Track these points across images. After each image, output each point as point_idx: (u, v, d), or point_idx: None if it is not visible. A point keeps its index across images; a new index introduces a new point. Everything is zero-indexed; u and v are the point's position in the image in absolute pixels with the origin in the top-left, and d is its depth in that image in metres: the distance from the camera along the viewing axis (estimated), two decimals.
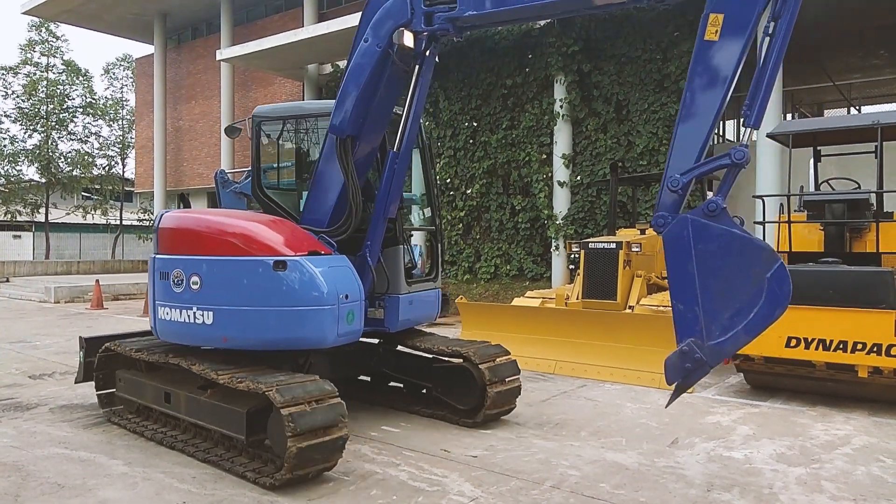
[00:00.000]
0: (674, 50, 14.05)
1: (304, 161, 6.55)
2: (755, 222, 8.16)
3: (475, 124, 17.08)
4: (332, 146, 5.61)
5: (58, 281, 20.60)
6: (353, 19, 16.60)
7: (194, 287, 5.18)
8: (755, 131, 4.01)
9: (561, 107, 15.44)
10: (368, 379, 6.94)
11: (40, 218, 33.73)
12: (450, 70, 17.38)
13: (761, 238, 5.27)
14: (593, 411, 6.42)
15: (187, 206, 6.06)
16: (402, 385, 6.69)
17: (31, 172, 33.93)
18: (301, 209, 6.03)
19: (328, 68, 20.46)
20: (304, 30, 18.52)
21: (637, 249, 9.04)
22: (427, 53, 5.45)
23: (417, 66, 5.50)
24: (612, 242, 9.11)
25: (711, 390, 7.30)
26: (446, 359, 6.18)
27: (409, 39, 5.20)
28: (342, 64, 19.25)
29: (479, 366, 5.77)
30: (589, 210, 15.30)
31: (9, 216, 33.08)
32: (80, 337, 6.47)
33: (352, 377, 6.83)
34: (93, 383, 6.26)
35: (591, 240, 9.56)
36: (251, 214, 5.82)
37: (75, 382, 6.53)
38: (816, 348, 6.42)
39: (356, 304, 5.21)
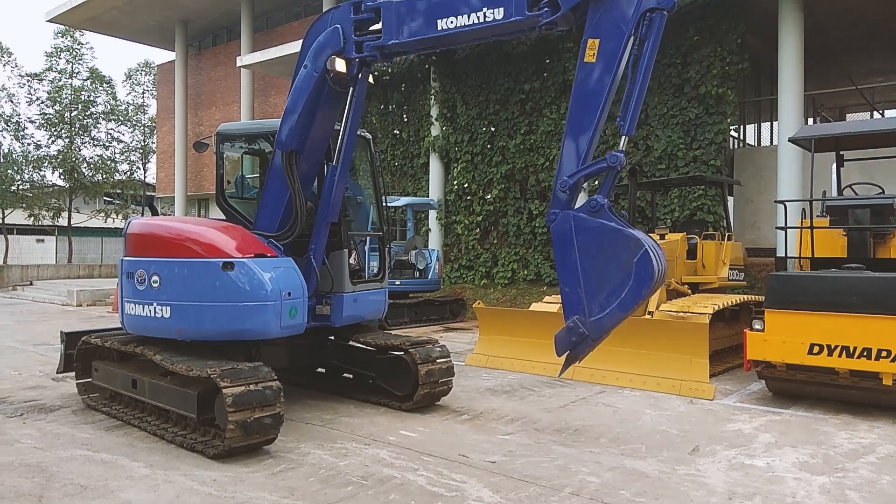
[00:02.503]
0: (693, 54, 13.95)
1: (262, 174, 7.14)
2: (777, 227, 8.08)
3: (493, 129, 17.09)
4: (278, 160, 6.28)
5: (80, 284, 20.88)
6: None
7: (154, 285, 5.96)
8: (625, 138, 4.65)
9: None
10: (323, 370, 7.69)
11: (63, 222, 34.22)
12: (467, 75, 17.42)
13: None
14: (612, 418, 6.38)
15: (154, 212, 6.69)
16: (351, 375, 7.39)
17: (54, 177, 34.47)
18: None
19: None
20: None
21: None
22: (360, 77, 6.15)
23: (352, 89, 6.21)
24: None
25: (733, 397, 7.22)
26: (390, 353, 6.82)
27: (341, 66, 5.92)
28: None
29: (410, 350, 6.50)
30: None
31: (32, 220, 33.58)
32: (61, 331, 7.22)
33: (309, 368, 7.64)
34: (73, 374, 6.98)
35: None
36: (207, 221, 6.53)
37: (57, 373, 7.30)
38: (840, 355, 6.33)
39: (299, 300, 5.89)
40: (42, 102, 33.02)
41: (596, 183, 6.18)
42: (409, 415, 6.43)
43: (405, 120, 19.49)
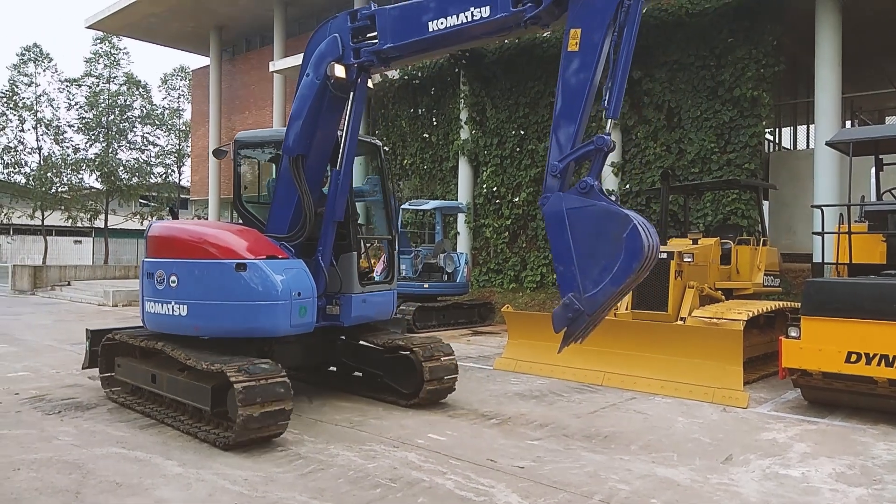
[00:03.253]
0: (728, 56, 13.75)
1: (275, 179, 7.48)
2: (814, 233, 7.94)
3: (522, 132, 17.04)
4: (286, 164, 6.60)
5: (115, 285, 21.33)
6: None
7: (173, 285, 6.28)
8: (612, 120, 4.88)
9: None
10: (335, 369, 7.97)
11: (100, 224, 35.01)
12: (497, 78, 17.41)
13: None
14: (643, 425, 6.30)
15: (175, 217, 7.15)
16: (360, 374, 7.65)
17: (92, 180, 35.29)
18: None
19: (377, 78, 20.72)
20: None
21: (689, 260, 8.86)
22: (359, 81, 6.43)
23: (352, 94, 6.49)
24: (664, 252, 8.93)
25: (767, 406, 7.09)
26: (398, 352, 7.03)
27: (340, 72, 6.21)
28: (391, 74, 19.51)
29: (415, 349, 6.72)
30: None
31: (70, 222, 34.42)
32: (87, 329, 7.58)
33: (322, 367, 7.93)
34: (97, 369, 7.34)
35: None
36: (222, 225, 6.95)
37: (82, 368, 7.62)
38: (878, 364, 6.17)
39: (308, 300, 6.15)
40: (81, 107, 33.87)
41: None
42: (437, 418, 6.43)
43: (434, 123, 19.54)
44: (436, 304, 13.88)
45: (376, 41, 6.11)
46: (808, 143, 21.40)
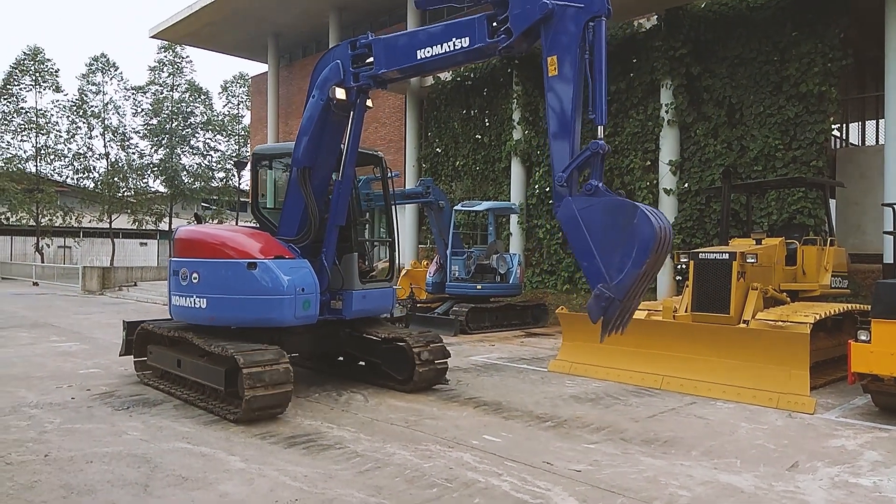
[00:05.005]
0: (792, 51, 13.31)
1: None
2: (884, 232, 7.59)
3: None
4: (295, 175, 7.38)
5: None
6: None
7: (195, 281, 7.14)
8: (601, 127, 5.40)
9: (667, 112, 14.97)
10: (342, 359, 8.76)
11: (164, 226, 36.26)
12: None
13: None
14: (704, 430, 6.15)
15: (199, 222, 8.00)
16: (364, 363, 8.39)
17: (156, 185, 36.60)
18: None
19: (429, 80, 20.84)
20: None
21: (752, 260, 8.59)
22: (358, 102, 7.15)
23: (352, 113, 7.20)
24: (725, 253, 8.69)
25: (835, 412, 6.81)
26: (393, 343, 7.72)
27: (341, 94, 6.98)
28: (443, 77, 19.58)
29: (408, 339, 7.49)
30: (698, 219, 14.73)
31: (136, 225, 35.78)
32: (123, 320, 8.51)
33: (331, 357, 8.76)
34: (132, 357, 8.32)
35: (701, 250, 9.16)
36: (238, 228, 7.74)
37: (119, 355, 8.54)
38: None
39: (312, 295, 6.96)
40: (146, 114, 35.16)
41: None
42: (492, 419, 6.42)
43: (487, 124, 19.52)
44: (489, 305, 13.85)
45: (373, 67, 6.90)
46: (877, 138, 20.49)
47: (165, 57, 35.37)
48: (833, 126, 15.44)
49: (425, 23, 22.58)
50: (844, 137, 20.00)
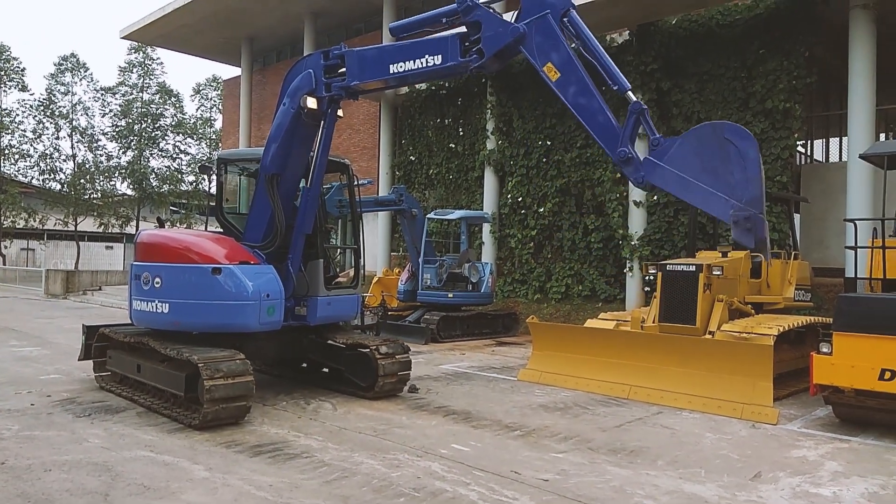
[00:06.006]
0: (759, 68, 13.60)
1: (252, 193, 8.30)
2: (846, 247, 7.77)
3: (549, 143, 17.00)
4: (262, 181, 7.39)
5: None
6: None
7: (157, 286, 7.05)
8: (629, 91, 5.74)
9: None
10: (306, 365, 8.72)
11: (131, 230, 35.62)
12: (524, 88, 17.40)
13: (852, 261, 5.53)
14: (670, 440, 6.22)
15: (161, 226, 7.96)
16: (327, 370, 8.37)
17: (123, 187, 35.97)
18: None
19: (404, 89, 20.84)
20: None
21: (719, 273, 8.73)
22: (329, 111, 7.21)
23: (323, 122, 7.29)
24: (692, 265, 8.83)
25: (797, 423, 6.95)
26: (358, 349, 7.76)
27: (313, 103, 7.01)
28: (418, 85, 19.61)
29: (372, 347, 7.47)
30: (666, 231, 14.93)
31: (102, 228, 35.09)
32: (83, 324, 8.34)
33: (295, 363, 8.72)
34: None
35: (669, 261, 9.30)
36: (202, 233, 7.61)
37: (78, 360, 8.35)
38: None
39: (276, 301, 6.92)
40: (114, 115, 34.58)
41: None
42: (460, 429, 6.42)
43: (461, 133, 19.58)
44: (460, 313, 13.86)
45: (345, 78, 6.97)
46: (840, 155, 21.03)
47: (135, 58, 34.87)
48: (798, 142, 15.79)
49: None
50: (809, 154, 20.48)
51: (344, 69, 7.01)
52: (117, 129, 34.77)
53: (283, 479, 4.85)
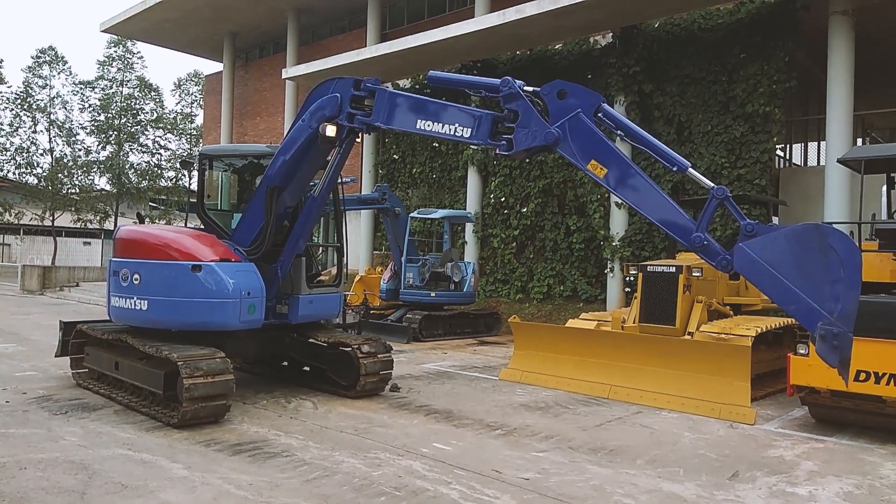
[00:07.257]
0: (740, 72, 13.75)
1: (235, 190, 8.49)
2: None
3: None
4: (262, 191, 7.26)
5: None
6: (414, 39, 16.87)
7: (136, 282, 6.93)
8: (692, 170, 5.67)
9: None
10: (287, 364, 8.65)
11: (109, 226, 35.14)
12: None
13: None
14: (649, 439, 6.27)
15: (142, 221, 7.84)
16: (308, 368, 8.32)
17: (102, 182, 35.47)
18: (232, 227, 7.80)
19: (389, 87, 20.81)
20: (367, 49, 18.92)
21: (698, 274, 8.83)
22: (346, 140, 7.05)
23: (337, 148, 7.19)
24: (672, 266, 8.92)
25: (774, 423, 7.04)
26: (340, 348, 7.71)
27: (331, 132, 6.78)
28: (402, 83, 19.59)
29: (354, 346, 7.40)
30: (647, 232, 15.05)
31: (80, 224, 34.59)
32: (60, 321, 8.20)
33: (275, 361, 8.67)
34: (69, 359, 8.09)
35: (649, 263, 9.38)
36: (183, 230, 7.53)
37: (55, 357, 8.22)
38: (888, 383, 6.13)
39: (257, 299, 6.86)
40: (94, 109, 34.09)
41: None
42: (442, 428, 6.42)
43: None
44: (442, 313, 13.86)
45: (370, 113, 6.76)
46: (818, 159, 21.32)
47: (115, 52, 34.41)
48: (777, 146, 15.99)
49: (386, 26, 22.63)
50: (788, 157, 20.74)
51: (371, 104, 6.79)
52: (96, 124, 34.29)
53: (263, 478, 4.82)
